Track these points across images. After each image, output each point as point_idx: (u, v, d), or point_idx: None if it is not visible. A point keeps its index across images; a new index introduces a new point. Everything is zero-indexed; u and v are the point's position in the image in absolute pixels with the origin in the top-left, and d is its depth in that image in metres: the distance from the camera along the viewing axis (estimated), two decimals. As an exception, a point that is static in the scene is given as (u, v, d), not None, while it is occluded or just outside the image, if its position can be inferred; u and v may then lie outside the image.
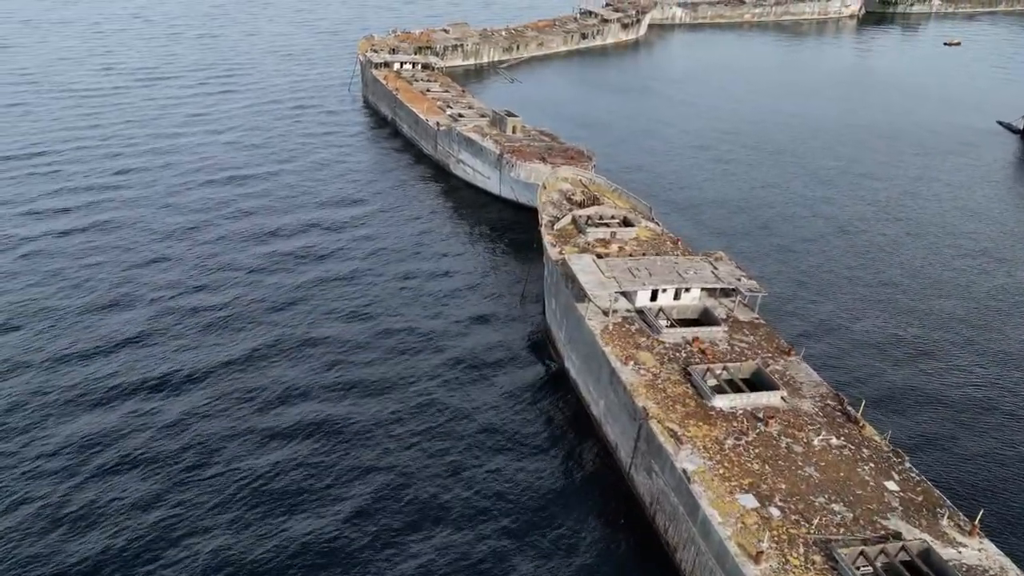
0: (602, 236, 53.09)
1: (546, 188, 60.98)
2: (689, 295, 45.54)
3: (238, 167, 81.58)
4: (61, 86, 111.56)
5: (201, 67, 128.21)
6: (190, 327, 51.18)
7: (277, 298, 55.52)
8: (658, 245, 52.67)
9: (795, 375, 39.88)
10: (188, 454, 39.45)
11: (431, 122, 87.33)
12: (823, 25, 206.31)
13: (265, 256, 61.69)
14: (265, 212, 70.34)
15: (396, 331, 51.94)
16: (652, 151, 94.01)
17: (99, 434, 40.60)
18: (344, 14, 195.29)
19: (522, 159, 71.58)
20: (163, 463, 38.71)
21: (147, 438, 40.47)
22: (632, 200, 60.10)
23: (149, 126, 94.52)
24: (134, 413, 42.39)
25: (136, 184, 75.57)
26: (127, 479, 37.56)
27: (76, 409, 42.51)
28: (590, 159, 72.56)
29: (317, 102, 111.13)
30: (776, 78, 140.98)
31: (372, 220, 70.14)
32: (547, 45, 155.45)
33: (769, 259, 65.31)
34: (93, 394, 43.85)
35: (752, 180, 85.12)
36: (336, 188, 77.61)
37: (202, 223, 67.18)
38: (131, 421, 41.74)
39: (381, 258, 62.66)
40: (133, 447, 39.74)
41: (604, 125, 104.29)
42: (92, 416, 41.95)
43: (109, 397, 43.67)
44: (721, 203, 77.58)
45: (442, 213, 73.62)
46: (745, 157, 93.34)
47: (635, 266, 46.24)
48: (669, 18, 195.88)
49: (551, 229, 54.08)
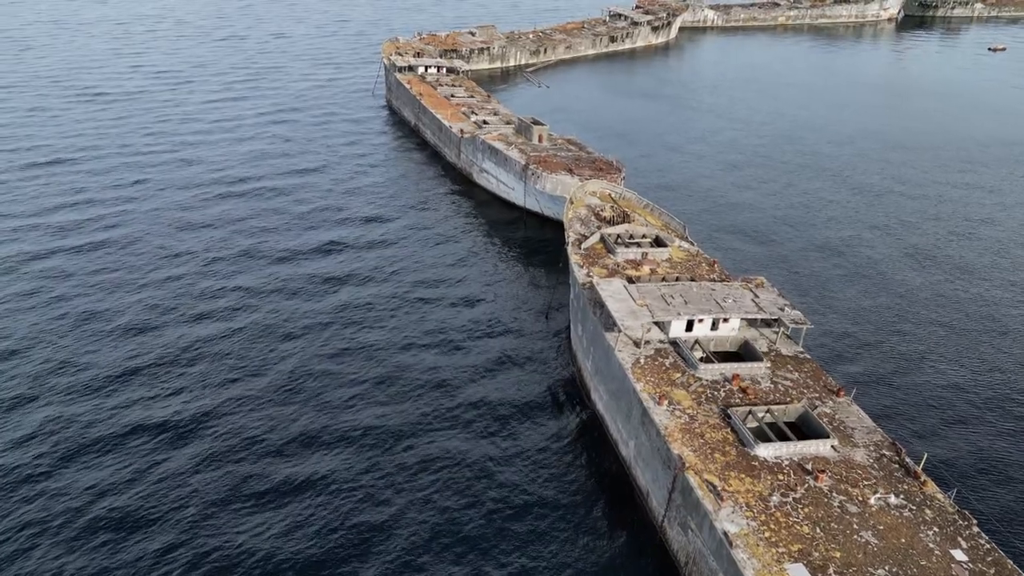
0: (633, 257, 49.86)
1: (573, 203, 57.82)
2: (727, 325, 42.13)
3: (258, 178, 78.99)
4: (85, 89, 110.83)
5: (226, 70, 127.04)
6: (199, 358, 48.82)
7: (295, 323, 52.95)
8: (693, 268, 49.28)
9: (845, 419, 36.32)
10: (192, 503, 36.96)
11: (455, 129, 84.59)
12: (860, 29, 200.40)
13: (283, 278, 58.85)
14: (283, 229, 67.55)
15: (413, 365, 49.08)
16: (683, 163, 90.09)
17: (101, 487, 38.31)
18: (371, 15, 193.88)
19: (548, 170, 68.47)
20: (163, 515, 36.28)
21: (145, 493, 38.11)
22: (664, 217, 56.74)
23: (171, 133, 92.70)
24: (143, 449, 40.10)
25: (152, 196, 73.26)
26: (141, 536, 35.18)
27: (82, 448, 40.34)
28: (619, 171, 69.25)
29: (341, 107, 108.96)
30: (813, 85, 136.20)
31: (392, 236, 67.06)
32: (575, 48, 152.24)
33: (813, 285, 61.19)
34: (96, 431, 41.67)
35: (791, 196, 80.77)
36: (356, 202, 74.73)
37: (219, 241, 64.35)
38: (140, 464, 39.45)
39: (400, 277, 59.82)
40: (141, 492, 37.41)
41: (632, 135, 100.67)
42: (93, 458, 39.72)
43: (112, 441, 41.41)
44: (758, 222, 73.33)
45: (464, 227, 70.65)
46: (782, 171, 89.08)
47: (669, 292, 42.93)
48: (700, 21, 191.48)
49: (578, 248, 50.95)
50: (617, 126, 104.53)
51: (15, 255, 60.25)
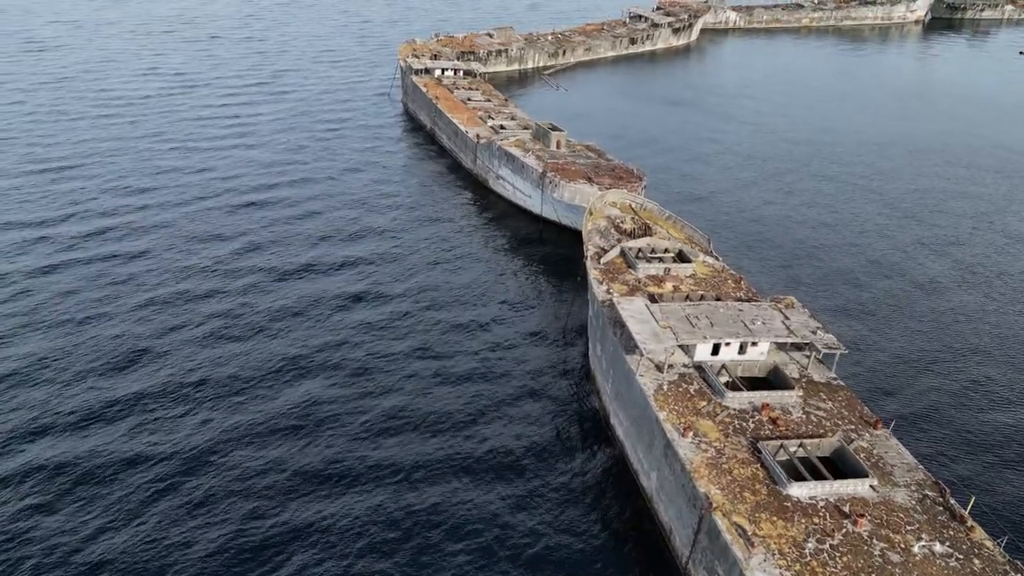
0: (655, 272, 47.61)
1: (592, 214, 55.65)
2: (756, 349, 39.79)
3: (270, 186, 76.90)
4: (100, 91, 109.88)
5: (243, 72, 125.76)
6: (203, 383, 47.20)
7: (304, 344, 51.20)
8: (718, 285, 46.95)
9: (884, 455, 33.89)
10: (191, 544, 35.25)
11: (471, 134, 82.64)
12: (886, 31, 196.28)
13: (293, 295, 56.80)
14: (294, 242, 65.40)
15: (424, 383, 47.18)
16: (705, 172, 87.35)
17: (93, 529, 36.71)
18: (390, 16, 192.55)
19: (566, 179, 66.29)
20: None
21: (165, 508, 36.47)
22: (687, 230, 54.40)
23: (185, 139, 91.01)
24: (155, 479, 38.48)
25: (162, 205, 71.36)
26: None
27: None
28: (640, 179, 66.92)
29: (357, 111, 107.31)
30: (838, 89, 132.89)
31: (406, 248, 64.68)
32: (594, 50, 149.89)
33: (844, 305, 58.35)
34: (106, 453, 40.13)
35: (819, 208, 77.61)
36: (370, 211, 72.57)
37: (230, 254, 62.34)
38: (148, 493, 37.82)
39: (414, 292, 57.89)
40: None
41: (652, 141, 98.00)
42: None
43: (109, 474, 39.85)
44: (785, 234, 70.33)
45: (480, 237, 68.59)
46: (810, 180, 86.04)
47: (694, 313, 40.66)
48: (722, 22, 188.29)
49: (597, 263, 48.79)
50: (636, 132, 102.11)
51: (19, 267, 59.10)
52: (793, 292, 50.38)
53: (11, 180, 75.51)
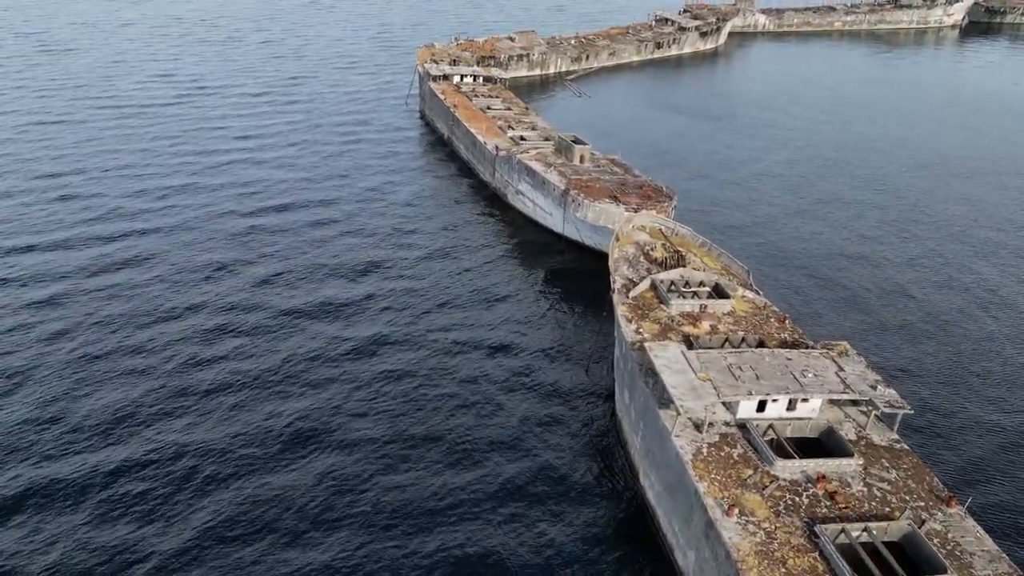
0: (689, 309, 43.11)
1: (619, 240, 51.17)
2: (807, 405, 35.18)
3: (281, 201, 72.43)
4: (110, 97, 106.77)
5: (258, 78, 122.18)
6: (197, 410, 43.47)
7: (307, 369, 47.37)
8: (760, 324, 42.35)
9: (961, 539, 29.17)
10: None
11: (489, 145, 78.49)
12: (921, 35, 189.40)
13: (299, 316, 53.31)
14: (304, 260, 61.58)
15: (430, 423, 43.07)
16: (737, 190, 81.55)
17: (60, 554, 32.97)
18: (410, 19, 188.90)
19: (590, 197, 61.86)
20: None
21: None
22: (724, 259, 49.76)
23: (195, 149, 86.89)
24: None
25: (172, 219, 67.60)
26: None
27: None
28: (670, 199, 62.33)
29: (373, 118, 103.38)
30: (878, 99, 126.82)
31: (419, 270, 60.06)
32: (618, 55, 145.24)
33: (896, 345, 52.64)
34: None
35: (864, 233, 71.17)
36: (383, 228, 67.98)
37: (234, 274, 58.71)
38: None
39: (426, 319, 53.87)
40: None
41: (679, 154, 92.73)
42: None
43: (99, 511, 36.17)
44: (829, 264, 64.09)
45: (497, 258, 64.09)
46: (851, 198, 79.92)
47: (737, 362, 36.12)
48: (751, 26, 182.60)
49: (625, 296, 44.36)
50: (662, 143, 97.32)
51: (15, 282, 55.88)
52: (839, 329, 45.83)
53: (10, 198, 72.67)
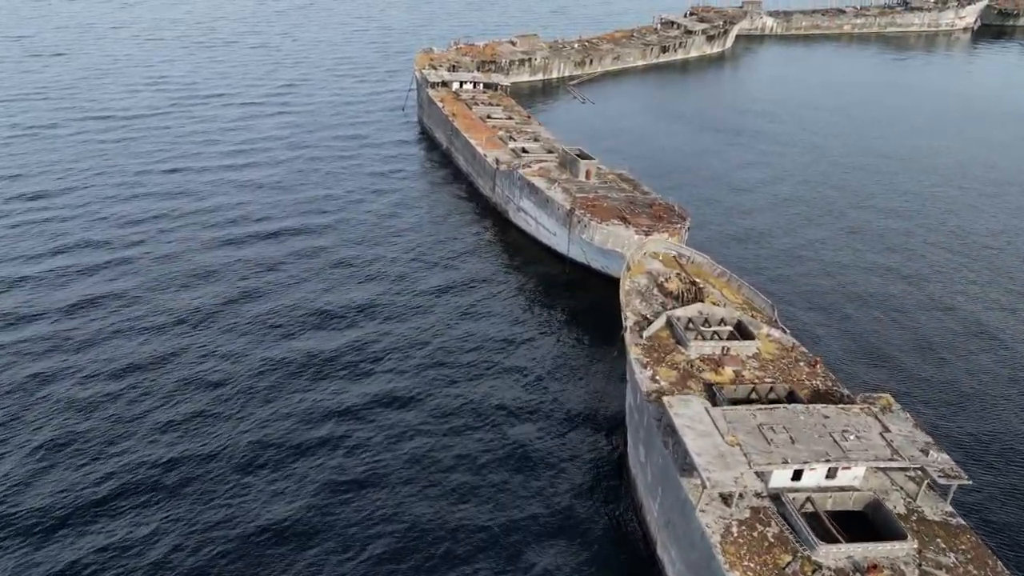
0: (710, 352, 38.89)
1: (630, 270, 46.93)
2: (850, 473, 30.98)
3: (269, 227, 67.17)
4: (97, 106, 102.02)
5: (253, 83, 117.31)
6: (189, 470, 39.34)
7: (291, 441, 43.24)
8: (789, 369, 38.13)
9: (1038, 644, 25.02)
10: None
11: (490, 158, 74.28)
12: (932, 39, 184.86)
13: (290, 347, 49.42)
14: (295, 285, 57.64)
15: (419, 470, 38.91)
16: (751, 209, 76.09)
17: None
18: (411, 22, 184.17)
19: (598, 218, 57.60)
20: None
21: None
22: (745, 291, 45.53)
23: (181, 165, 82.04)
24: None
25: (156, 240, 63.20)
26: None
27: None
28: (683, 219, 58.06)
29: (369, 127, 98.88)
30: (891, 104, 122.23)
31: (416, 298, 56.03)
32: (623, 59, 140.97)
33: (938, 391, 47.49)
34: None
35: (891, 259, 65.47)
36: (378, 247, 64.11)
37: (221, 302, 54.44)
38: None
39: (419, 351, 49.73)
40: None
41: (687, 167, 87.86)
42: None
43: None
44: (856, 295, 58.56)
45: (498, 282, 59.72)
46: (877, 220, 74.04)
47: (768, 422, 31.90)
48: (758, 28, 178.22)
49: (639, 337, 40.16)
50: (670, 155, 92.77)
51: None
52: (875, 371, 41.56)
53: (-18, 207, 68.59)
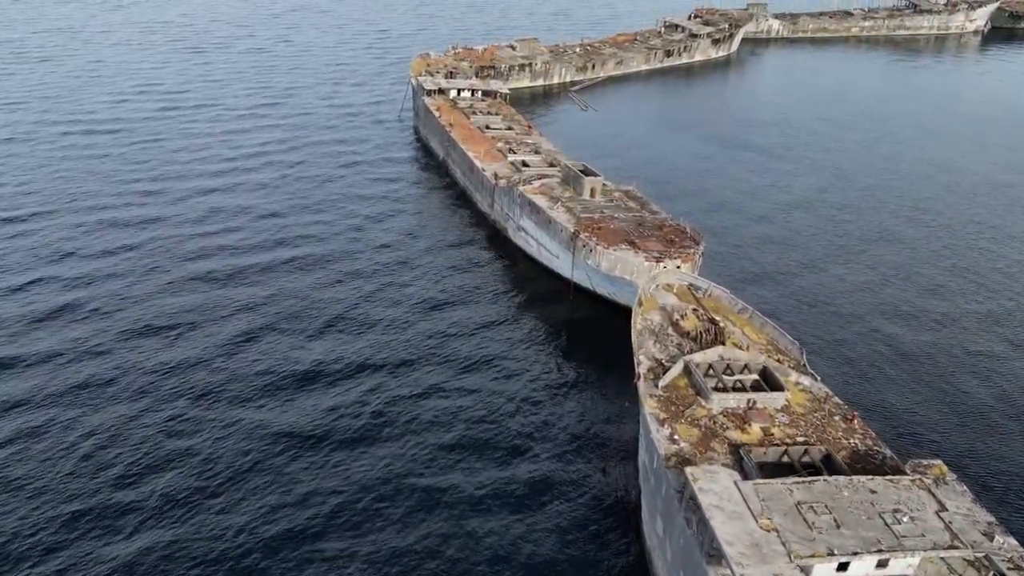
0: (735, 405, 34.68)
1: (642, 305, 42.72)
2: (903, 562, 26.78)
3: (255, 245, 63.62)
4: (77, 116, 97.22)
5: (246, 91, 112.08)
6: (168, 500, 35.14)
7: (284, 479, 39.04)
8: (823, 425, 33.91)
9: None
10: None
11: (488, 172, 70.09)
12: (942, 42, 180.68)
13: (278, 376, 45.43)
14: (283, 313, 53.71)
15: (410, 524, 34.73)
16: (766, 229, 70.68)
17: None
18: (409, 24, 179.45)
19: (604, 242, 53.33)
20: None
21: None
22: (768, 329, 41.26)
23: (169, 173, 77.98)
24: None
25: (123, 273, 58.31)
26: None
27: None
28: (696, 244, 53.80)
29: (364, 140, 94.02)
30: (906, 110, 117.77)
31: (406, 342, 51.43)
32: (626, 64, 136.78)
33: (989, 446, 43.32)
34: None
35: (924, 284, 60.25)
36: (369, 269, 60.01)
37: (207, 350, 50.49)
38: None
39: (410, 389, 45.55)
40: None
41: (693, 181, 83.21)
42: None
43: None
44: (888, 329, 53.16)
45: (497, 309, 55.48)
46: (902, 241, 68.53)
47: (807, 498, 27.66)
48: (764, 31, 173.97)
49: (654, 387, 35.93)
50: (677, 168, 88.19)
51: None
52: (920, 429, 37.30)
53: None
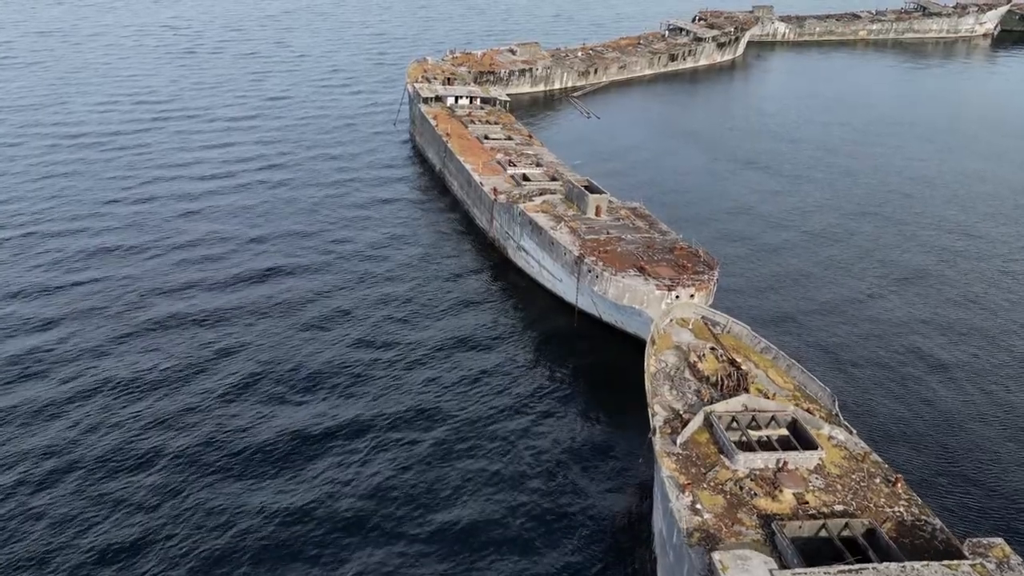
0: (762, 465, 30.78)
1: (655, 343, 38.81)
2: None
3: (242, 268, 59.51)
4: (59, 125, 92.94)
5: (238, 99, 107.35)
6: None
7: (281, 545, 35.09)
8: (863, 490, 29.99)
9: None
10: None
11: (487, 187, 66.21)
12: (951, 45, 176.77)
13: (261, 416, 41.58)
14: (268, 342, 50.05)
15: None
16: (782, 252, 65.79)
17: None
18: (408, 27, 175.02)
19: (611, 268, 49.38)
20: None
21: None
22: (796, 373, 37.29)
23: (150, 194, 73.05)
24: None
25: (93, 309, 53.57)
26: None
27: None
28: (711, 268, 49.86)
29: (357, 145, 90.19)
30: (923, 118, 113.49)
31: (400, 362, 48.31)
32: (629, 68, 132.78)
33: None
34: None
35: (963, 318, 55.01)
36: (360, 293, 56.08)
37: (186, 376, 46.78)
38: None
39: (401, 432, 41.66)
40: None
41: (701, 196, 78.80)
42: None
43: None
44: (925, 372, 47.94)
45: (498, 339, 51.47)
46: (937, 270, 62.95)
47: (854, 594, 23.85)
48: (770, 34, 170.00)
49: (671, 443, 32.02)
50: (683, 182, 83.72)
51: None
52: (975, 491, 33.21)
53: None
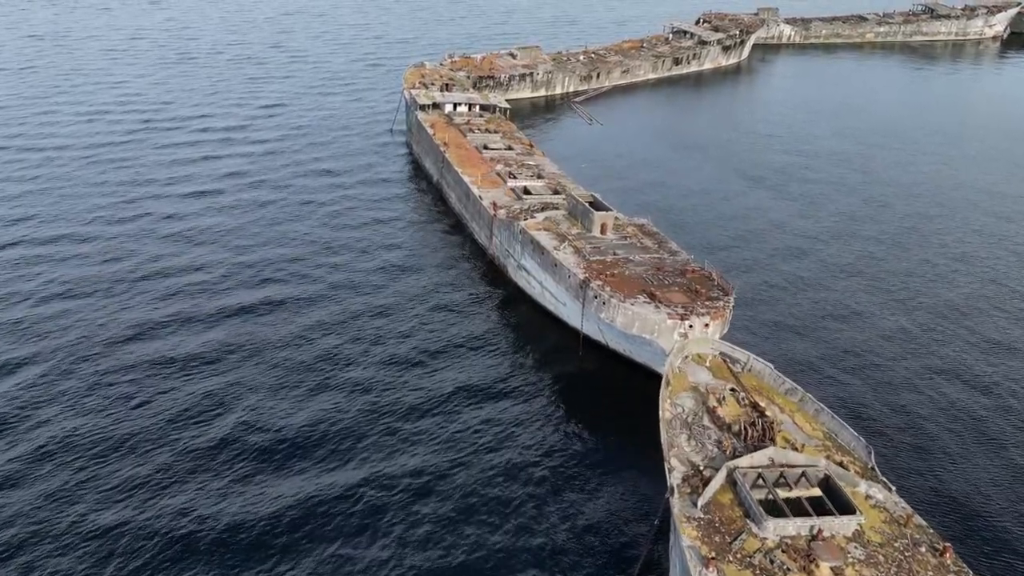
0: (794, 533, 27.43)
1: (670, 384, 35.43)
2: None
3: (228, 295, 56.44)
4: (39, 136, 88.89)
5: (230, 107, 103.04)
6: None
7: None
8: (908, 563, 26.64)
9: None
10: None
11: (486, 201, 62.86)
12: (960, 48, 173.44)
13: (258, 451, 38.21)
14: (257, 368, 46.64)
15: None
16: (800, 276, 61.49)
17: None
18: (408, 30, 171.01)
19: (619, 293, 45.95)
20: None
21: None
22: (824, 419, 33.92)
23: (132, 213, 68.50)
24: None
25: (65, 346, 51.47)
26: None
27: None
28: (726, 293, 46.43)
29: (351, 154, 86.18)
30: (938, 125, 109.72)
31: (391, 408, 44.89)
32: (632, 72, 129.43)
33: None
34: None
35: (985, 350, 50.86)
36: (352, 321, 52.34)
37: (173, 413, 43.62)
38: None
39: (397, 469, 38.30)
40: None
41: (710, 211, 74.94)
42: None
43: None
44: (963, 421, 43.40)
45: (500, 372, 47.90)
46: (967, 302, 58.10)
47: None
48: (775, 37, 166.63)
49: (691, 505, 28.66)
50: (691, 195, 79.68)
51: None
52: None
53: None
